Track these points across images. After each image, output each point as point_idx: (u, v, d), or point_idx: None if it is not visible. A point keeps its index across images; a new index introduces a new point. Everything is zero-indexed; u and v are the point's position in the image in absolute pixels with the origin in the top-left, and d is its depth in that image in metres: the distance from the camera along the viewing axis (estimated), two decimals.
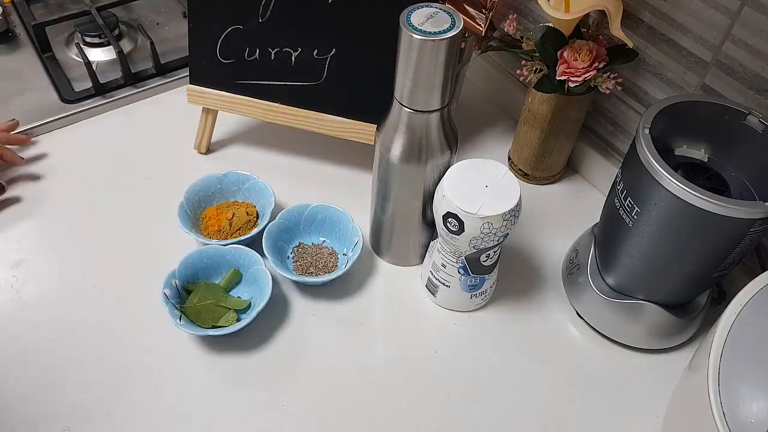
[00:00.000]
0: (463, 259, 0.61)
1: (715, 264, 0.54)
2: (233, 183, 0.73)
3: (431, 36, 0.51)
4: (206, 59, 0.74)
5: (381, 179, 0.64)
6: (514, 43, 0.73)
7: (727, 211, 0.49)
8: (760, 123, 0.55)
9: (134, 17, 1.00)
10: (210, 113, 0.79)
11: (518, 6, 0.81)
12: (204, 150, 0.81)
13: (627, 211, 0.56)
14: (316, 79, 0.73)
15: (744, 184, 0.57)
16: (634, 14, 0.67)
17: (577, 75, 0.66)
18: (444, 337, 0.65)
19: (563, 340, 0.66)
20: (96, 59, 0.92)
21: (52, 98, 0.85)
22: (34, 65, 0.90)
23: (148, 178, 0.78)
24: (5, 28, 0.94)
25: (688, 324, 0.63)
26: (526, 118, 0.76)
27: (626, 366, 0.64)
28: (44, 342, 0.62)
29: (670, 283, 0.59)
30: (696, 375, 0.49)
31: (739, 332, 0.47)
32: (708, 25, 0.61)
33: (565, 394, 0.61)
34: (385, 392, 0.60)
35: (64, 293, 0.66)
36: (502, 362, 0.63)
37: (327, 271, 0.67)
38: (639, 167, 0.53)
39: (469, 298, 0.65)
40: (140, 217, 0.74)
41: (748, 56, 0.59)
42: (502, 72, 0.88)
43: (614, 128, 0.77)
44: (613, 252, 0.60)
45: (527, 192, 0.78)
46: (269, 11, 0.71)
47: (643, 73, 0.69)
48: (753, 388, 0.44)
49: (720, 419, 0.43)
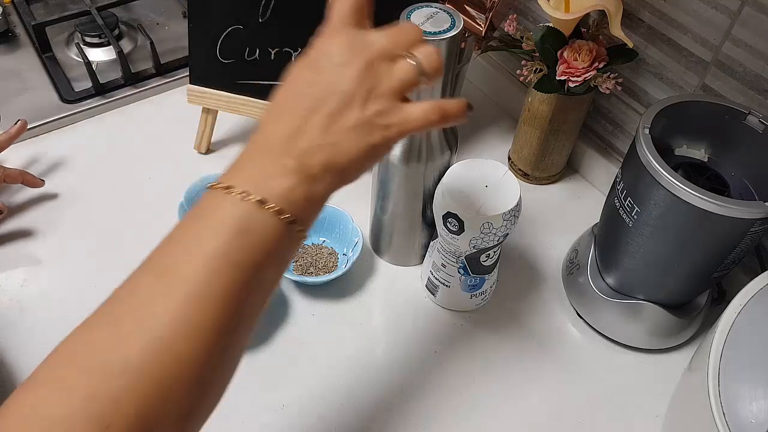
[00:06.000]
0: (463, 259, 0.61)
1: (715, 264, 0.54)
2: None
3: (431, 36, 0.51)
4: (206, 59, 0.74)
5: (381, 179, 0.64)
6: (514, 43, 0.73)
7: (727, 211, 0.49)
8: (760, 123, 0.55)
9: (134, 17, 1.00)
10: (210, 113, 0.79)
11: (518, 6, 0.81)
12: (204, 150, 0.81)
13: (627, 211, 0.56)
14: None
15: (744, 184, 0.57)
16: (634, 14, 0.67)
17: (577, 75, 0.66)
18: (444, 337, 0.65)
19: (563, 340, 0.66)
20: (96, 59, 0.92)
21: (52, 98, 0.85)
22: (34, 65, 0.90)
23: (148, 178, 0.78)
24: (5, 28, 0.94)
25: (688, 324, 0.62)
26: (526, 118, 0.76)
27: (626, 366, 0.64)
28: (43, 342, 0.62)
29: (670, 283, 0.59)
30: (696, 375, 0.49)
31: (739, 332, 0.47)
32: (708, 24, 0.61)
33: (565, 394, 0.61)
34: (385, 392, 0.60)
35: (63, 293, 0.66)
36: (502, 362, 0.63)
37: (327, 271, 0.67)
38: (639, 167, 0.53)
39: (469, 298, 0.65)
40: (140, 217, 0.74)
41: (748, 56, 0.59)
42: (502, 72, 0.88)
43: (614, 128, 0.77)
44: (613, 252, 0.60)
45: (527, 192, 0.78)
46: (269, 11, 0.71)
47: (643, 73, 0.69)
48: (753, 388, 0.44)
49: (720, 419, 0.43)
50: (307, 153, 0.36)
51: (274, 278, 0.37)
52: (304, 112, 0.37)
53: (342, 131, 0.37)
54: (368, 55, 0.37)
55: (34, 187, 0.73)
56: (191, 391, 0.33)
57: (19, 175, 0.72)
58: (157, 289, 0.34)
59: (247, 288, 0.35)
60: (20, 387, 0.33)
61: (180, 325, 0.33)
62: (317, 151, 0.36)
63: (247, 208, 0.35)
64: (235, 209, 0.35)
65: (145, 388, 0.31)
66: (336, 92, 0.37)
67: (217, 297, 0.34)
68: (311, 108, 0.37)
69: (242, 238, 0.34)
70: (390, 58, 0.38)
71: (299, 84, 0.38)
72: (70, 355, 0.34)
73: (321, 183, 0.37)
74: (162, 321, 0.33)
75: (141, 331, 0.33)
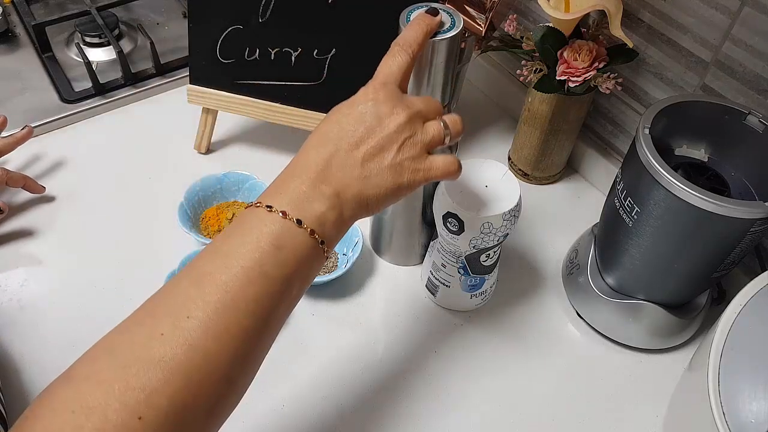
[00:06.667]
0: (463, 259, 0.61)
1: (715, 264, 0.54)
2: (233, 183, 0.73)
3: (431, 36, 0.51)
4: (206, 59, 0.74)
5: None
6: (514, 43, 0.73)
7: (727, 211, 0.49)
8: (760, 123, 0.55)
9: (134, 17, 1.00)
10: (210, 113, 0.79)
11: (518, 6, 0.81)
12: (204, 150, 0.81)
13: (627, 211, 0.56)
14: (316, 79, 0.73)
15: (744, 184, 0.57)
16: (634, 14, 0.67)
17: (577, 75, 0.66)
18: (444, 337, 0.65)
19: (563, 340, 0.66)
20: (96, 59, 0.92)
21: (52, 98, 0.85)
22: (33, 65, 0.90)
23: (148, 178, 0.78)
24: (5, 28, 0.94)
25: (688, 324, 0.62)
26: (526, 118, 0.76)
27: (626, 366, 0.64)
28: (42, 342, 0.62)
29: (670, 283, 0.59)
30: (696, 375, 0.49)
31: (739, 332, 0.47)
32: (708, 24, 0.61)
33: (565, 394, 0.61)
34: (385, 392, 0.60)
35: (62, 293, 0.66)
36: (502, 362, 0.63)
37: (327, 271, 0.67)
38: (639, 167, 0.53)
39: (469, 298, 0.65)
40: (140, 217, 0.74)
41: (748, 56, 0.59)
42: (502, 72, 0.88)
43: (614, 128, 0.77)
44: (613, 252, 0.60)
45: (527, 192, 0.78)
46: (269, 11, 0.71)
47: (643, 73, 0.69)
48: (753, 388, 0.44)
49: (720, 419, 0.43)
50: (343, 182, 0.42)
51: (298, 293, 0.41)
52: (347, 146, 0.43)
53: (377, 169, 0.43)
54: (410, 112, 0.44)
55: (34, 192, 0.74)
56: (218, 388, 0.37)
57: (21, 179, 0.72)
58: (193, 293, 0.37)
59: (276, 299, 0.39)
60: (56, 381, 0.35)
61: (212, 327, 0.36)
62: (352, 182, 0.42)
63: (284, 226, 0.40)
64: (273, 226, 0.40)
65: (177, 382, 0.34)
66: (378, 135, 0.43)
67: (248, 304, 0.37)
68: (354, 144, 0.43)
69: (277, 253, 0.39)
70: (424, 119, 0.45)
71: (345, 121, 0.44)
72: (108, 351, 0.36)
73: (349, 210, 0.43)
74: (196, 323, 0.36)
75: (176, 331, 0.36)
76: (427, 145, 0.45)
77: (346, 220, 0.43)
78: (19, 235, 0.71)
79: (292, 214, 0.40)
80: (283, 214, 0.40)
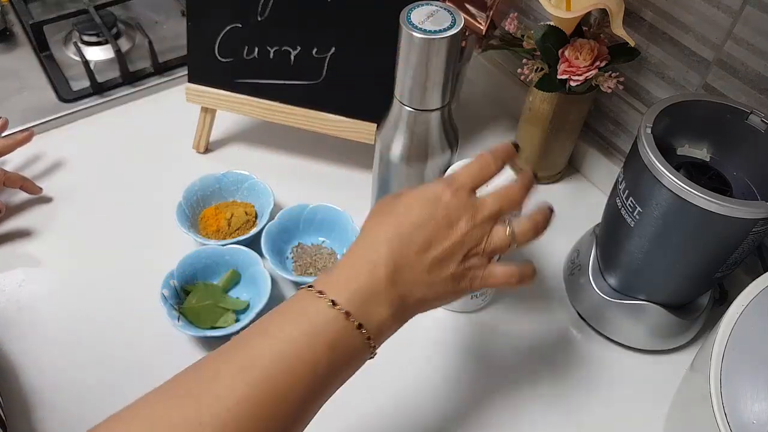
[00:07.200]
0: None
1: (717, 264, 0.54)
2: (232, 183, 0.73)
3: (432, 34, 0.51)
4: (205, 58, 0.74)
5: (381, 178, 0.63)
6: (515, 42, 0.72)
7: (729, 211, 0.48)
8: (762, 122, 0.54)
9: (132, 16, 0.99)
10: (208, 112, 0.79)
11: (519, 4, 0.80)
12: (203, 149, 0.81)
13: (629, 211, 0.56)
14: (315, 78, 0.72)
15: (746, 183, 0.56)
16: (635, 13, 0.67)
17: (579, 74, 0.66)
18: (444, 337, 0.65)
19: (564, 340, 0.65)
20: (94, 58, 0.91)
21: (49, 97, 0.85)
22: (31, 64, 0.90)
23: (147, 178, 0.78)
24: (2, 26, 0.94)
25: (689, 325, 0.62)
26: (527, 117, 0.75)
27: (627, 367, 0.63)
28: (41, 342, 0.62)
29: (671, 284, 0.58)
30: (698, 376, 0.49)
31: (741, 333, 0.46)
32: (710, 23, 0.60)
33: (566, 395, 0.61)
34: (384, 393, 0.60)
35: (61, 293, 0.66)
36: (502, 363, 0.63)
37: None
38: (641, 167, 0.52)
39: (470, 299, 0.65)
40: (138, 217, 0.73)
41: (750, 55, 0.58)
42: (503, 71, 0.88)
43: (616, 127, 0.76)
44: (615, 252, 0.60)
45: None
46: (268, 9, 0.70)
47: (644, 72, 0.69)
48: (755, 389, 0.43)
49: (722, 420, 0.43)
50: (409, 287, 0.42)
51: (338, 387, 0.42)
52: (417, 248, 0.42)
53: (441, 276, 0.43)
54: (478, 219, 0.44)
55: (32, 194, 0.74)
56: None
57: (19, 180, 0.72)
58: (240, 378, 0.37)
59: (319, 394, 0.40)
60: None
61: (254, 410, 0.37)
62: (417, 288, 0.43)
63: (345, 327, 0.40)
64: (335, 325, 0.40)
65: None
66: (447, 241, 0.43)
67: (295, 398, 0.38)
68: (424, 247, 0.43)
69: (331, 352, 0.39)
70: (495, 220, 0.45)
71: (414, 217, 0.43)
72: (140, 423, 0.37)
73: (408, 315, 0.44)
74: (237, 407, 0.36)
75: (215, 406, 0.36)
76: (488, 255, 0.45)
77: (401, 324, 0.44)
78: (17, 236, 0.71)
79: (355, 315, 0.40)
80: (346, 314, 0.40)
